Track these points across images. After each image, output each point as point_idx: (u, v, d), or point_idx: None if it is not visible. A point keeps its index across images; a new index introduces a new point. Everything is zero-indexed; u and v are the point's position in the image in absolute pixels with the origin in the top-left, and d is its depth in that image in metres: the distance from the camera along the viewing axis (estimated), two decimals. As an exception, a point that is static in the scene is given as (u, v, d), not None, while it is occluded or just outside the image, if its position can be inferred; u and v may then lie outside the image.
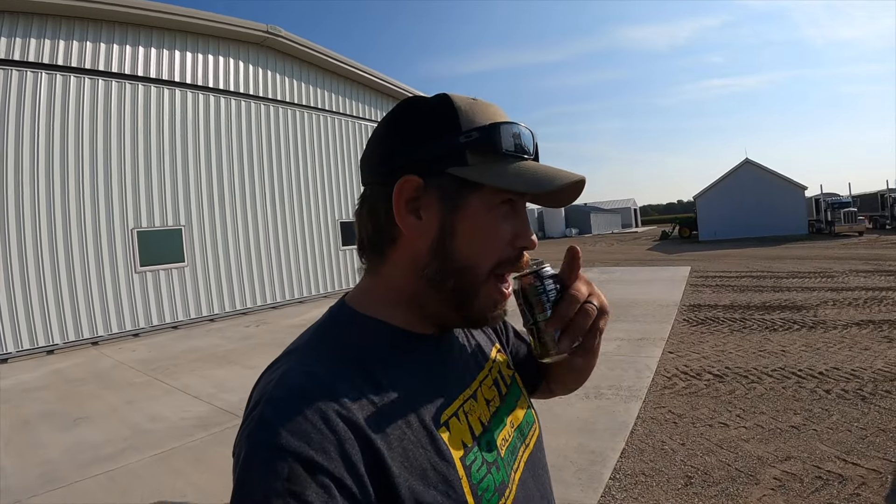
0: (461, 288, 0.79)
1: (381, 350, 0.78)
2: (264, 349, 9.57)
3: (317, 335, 0.81)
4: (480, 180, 0.76)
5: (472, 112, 0.79)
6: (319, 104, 17.78)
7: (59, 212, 11.09)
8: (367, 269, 0.87)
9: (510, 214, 0.81)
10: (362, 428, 0.66)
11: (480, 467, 0.76)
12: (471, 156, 0.76)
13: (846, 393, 5.53)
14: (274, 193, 16.05)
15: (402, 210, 0.77)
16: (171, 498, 4.13)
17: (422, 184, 0.77)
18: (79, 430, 5.85)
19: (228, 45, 14.96)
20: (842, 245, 25.67)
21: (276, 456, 0.61)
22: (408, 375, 0.77)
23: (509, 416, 0.90)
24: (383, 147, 0.81)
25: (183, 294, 13.42)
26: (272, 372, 0.75)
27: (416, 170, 0.77)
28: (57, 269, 10.97)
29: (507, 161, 0.78)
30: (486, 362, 0.95)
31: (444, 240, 0.78)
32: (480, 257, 0.79)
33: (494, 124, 0.78)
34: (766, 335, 8.22)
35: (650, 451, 4.59)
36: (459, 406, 0.81)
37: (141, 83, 12.82)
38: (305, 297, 16.72)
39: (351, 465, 0.63)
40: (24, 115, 10.69)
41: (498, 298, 0.83)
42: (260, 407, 0.67)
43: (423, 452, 0.71)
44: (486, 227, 0.78)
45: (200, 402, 6.55)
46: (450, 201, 0.77)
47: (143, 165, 12.75)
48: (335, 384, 0.69)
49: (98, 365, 9.21)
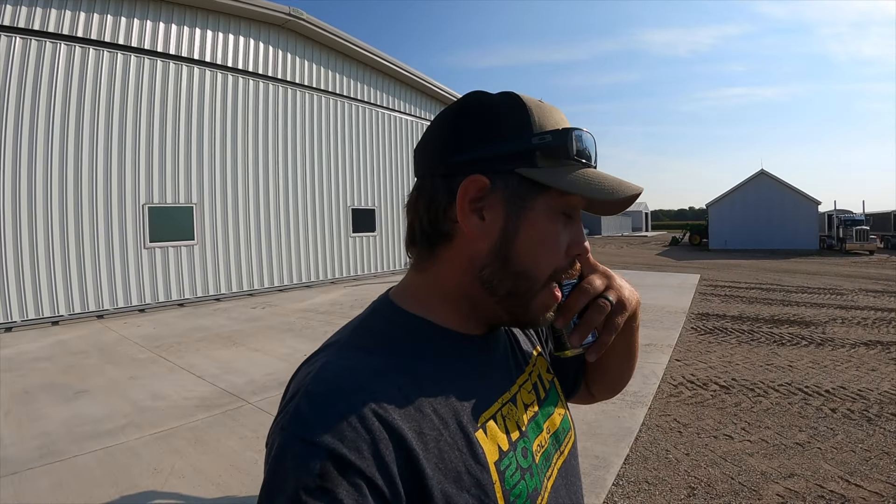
0: (517, 293, 0.78)
1: (423, 349, 0.77)
2: (270, 332, 9.59)
3: (358, 329, 0.79)
4: (553, 183, 0.75)
5: (542, 114, 0.78)
6: (338, 90, 17.78)
7: (71, 183, 11.11)
8: (415, 264, 0.84)
9: (568, 223, 0.80)
10: (398, 428, 0.64)
11: (514, 473, 0.75)
12: (541, 158, 0.75)
13: (852, 413, 5.48)
14: (287, 176, 16.08)
15: (466, 209, 0.75)
16: (170, 479, 4.12)
17: (489, 184, 0.75)
18: (79, 403, 5.86)
19: (250, 26, 14.95)
20: (852, 263, 25.57)
21: (310, 451, 0.60)
22: (448, 376, 0.76)
23: (546, 421, 0.89)
24: (449, 139, 0.79)
25: (191, 272, 13.45)
26: (310, 364, 0.74)
27: (483, 168, 0.75)
28: (66, 240, 11.00)
29: (574, 167, 0.77)
30: (527, 365, 0.93)
31: (506, 242, 0.76)
32: (540, 265, 0.78)
33: (567, 129, 0.77)
34: (774, 349, 8.18)
35: (654, 458, 4.56)
36: (498, 409, 0.79)
37: (160, 59, 12.81)
38: (313, 281, 16.75)
39: (383, 466, 0.61)
40: (42, 85, 10.70)
41: (551, 303, 0.81)
42: (296, 400, 0.66)
43: (458, 455, 0.69)
44: (548, 233, 0.77)
45: (204, 383, 6.54)
46: (516, 202, 0.76)
47: (157, 141, 12.77)
48: (373, 381, 0.68)
49: (102, 338, 9.24)
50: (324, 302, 13.29)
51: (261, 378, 6.63)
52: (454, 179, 0.76)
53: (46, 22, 10.70)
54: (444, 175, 0.78)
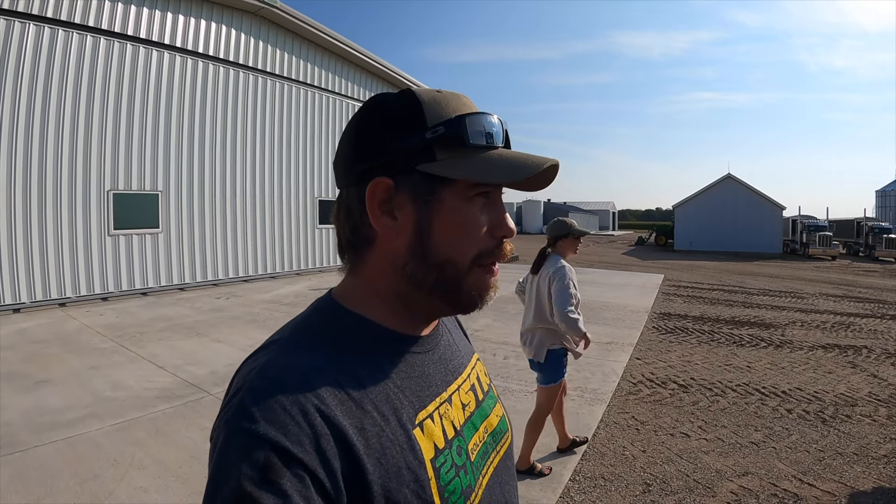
0: (443, 282, 0.80)
1: (364, 347, 0.78)
2: (233, 323, 9.51)
3: (301, 327, 0.80)
4: (450, 175, 0.77)
5: (437, 105, 0.79)
6: (309, 79, 17.63)
7: (35, 168, 10.85)
8: (350, 269, 0.87)
9: (486, 205, 0.81)
10: (339, 424, 0.66)
11: (449, 470, 0.77)
12: (439, 151, 0.77)
13: (807, 414, 5.62)
14: (255, 166, 15.91)
15: (377, 212, 0.78)
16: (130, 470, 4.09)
17: (392, 185, 0.77)
18: (40, 393, 5.76)
19: (223, 12, 14.73)
20: (814, 267, 26.04)
21: (254, 443, 0.61)
22: (388, 374, 0.77)
23: (483, 421, 0.91)
24: (353, 148, 0.81)
25: (155, 260, 13.25)
26: (254, 360, 0.75)
27: (387, 170, 0.77)
28: (29, 225, 10.75)
29: (477, 152, 0.79)
30: (466, 368, 0.95)
31: (421, 237, 0.78)
32: (459, 251, 0.79)
33: (460, 117, 0.78)
34: (734, 350, 8.33)
35: (611, 455, 4.63)
36: (435, 408, 0.81)
37: (129, 42, 12.56)
38: (278, 272, 16.62)
39: (325, 460, 0.63)
40: (8, 67, 10.44)
41: (486, 284, 0.83)
42: (240, 394, 0.67)
43: (398, 451, 0.71)
44: (462, 221, 0.79)
45: (165, 373, 6.48)
46: (422, 199, 0.78)
47: (124, 127, 12.53)
48: (316, 378, 0.69)
49: (64, 327, 9.08)
50: (288, 293, 13.20)
51: (223, 369, 6.59)
52: (363, 186, 0.78)
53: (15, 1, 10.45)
54: (355, 184, 0.80)
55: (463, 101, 0.82)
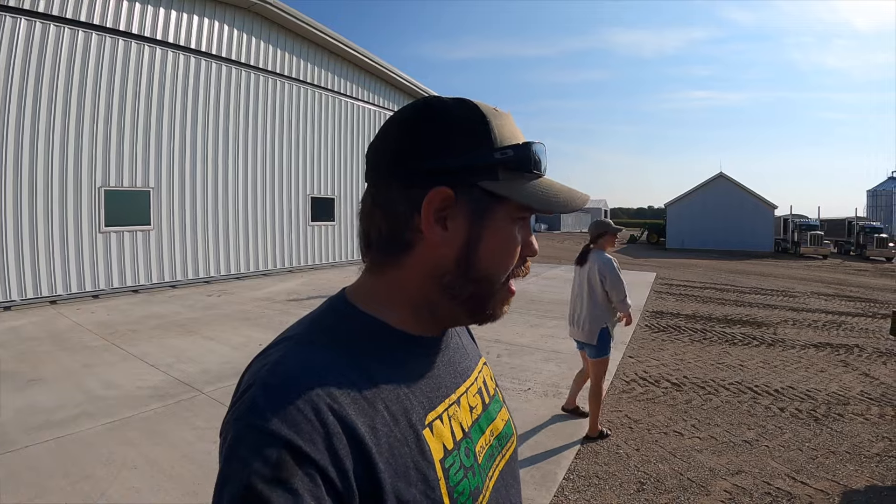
0: (478, 295, 0.82)
1: (376, 347, 0.78)
2: (226, 320, 9.48)
3: (314, 325, 0.80)
4: (515, 197, 0.79)
5: (501, 126, 0.80)
6: (302, 76, 17.58)
7: (25, 163, 10.79)
8: (371, 268, 0.86)
9: (522, 227, 0.84)
10: (352, 423, 0.66)
11: (458, 471, 0.77)
12: (502, 171, 0.78)
13: (800, 412, 5.64)
14: (247, 163, 15.86)
15: (431, 220, 0.77)
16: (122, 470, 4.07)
17: (453, 196, 0.76)
18: (31, 392, 5.73)
19: (215, 7, 14.66)
20: (805, 266, 26.18)
21: (266, 441, 0.61)
22: (399, 375, 0.77)
23: (489, 425, 0.91)
24: (405, 147, 0.79)
25: (146, 258, 13.19)
26: (265, 357, 0.74)
27: (447, 179, 0.77)
28: (20, 222, 10.69)
29: (531, 178, 0.81)
30: (474, 371, 0.96)
31: (469, 251, 0.79)
32: (500, 268, 0.82)
33: (527, 144, 0.81)
34: (726, 348, 8.36)
35: (605, 454, 4.63)
36: (444, 410, 0.81)
37: (121, 38, 12.48)
38: (270, 269, 16.57)
39: (337, 459, 0.63)
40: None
41: (507, 298, 0.87)
42: (252, 391, 0.67)
43: (407, 451, 0.71)
44: (507, 240, 0.81)
45: (157, 372, 6.45)
46: (479, 214, 0.78)
47: (115, 123, 12.45)
48: (329, 376, 0.69)
49: (55, 325, 9.04)
50: (281, 291, 13.17)
51: (215, 367, 6.56)
52: (414, 189, 0.77)
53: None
54: (403, 184, 0.78)
55: (513, 121, 0.85)
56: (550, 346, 8.02)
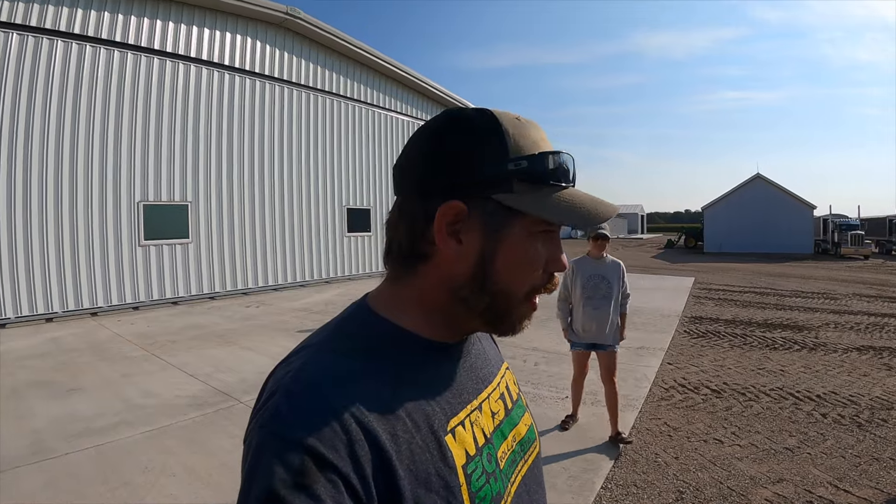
0: (494, 309, 0.81)
1: (397, 354, 0.78)
2: (264, 331, 9.58)
3: (336, 332, 0.80)
4: (529, 210, 0.77)
5: (519, 136, 0.79)
6: (334, 89, 17.78)
7: (66, 179, 11.09)
8: (391, 276, 0.86)
9: (546, 241, 0.82)
10: (373, 430, 0.66)
11: (480, 476, 0.77)
12: (517, 183, 0.77)
13: (842, 418, 5.50)
14: (283, 175, 16.07)
15: (444, 233, 0.77)
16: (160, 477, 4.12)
17: (465, 210, 0.76)
18: (71, 400, 5.86)
19: (248, 24, 14.94)
20: (846, 267, 25.60)
21: (289, 448, 0.62)
22: (421, 381, 0.78)
23: (512, 430, 0.91)
24: (425, 161, 0.80)
25: (185, 270, 13.44)
26: (288, 364, 0.75)
27: (461, 192, 0.77)
28: (61, 236, 10.98)
29: (551, 190, 0.79)
30: (496, 377, 0.95)
31: (484, 265, 0.78)
32: (518, 283, 0.80)
33: (543, 154, 0.78)
34: (766, 353, 8.20)
35: (643, 462, 4.57)
36: (466, 416, 0.81)
37: (157, 56, 12.80)
38: (307, 280, 16.75)
39: (358, 466, 0.63)
40: (38, 81, 10.68)
41: (529, 314, 0.85)
42: (275, 398, 0.68)
43: (428, 457, 0.71)
44: (525, 255, 0.79)
45: (196, 381, 6.54)
46: (493, 228, 0.78)
47: (153, 139, 12.75)
48: (351, 383, 0.70)
49: (96, 336, 9.23)
50: (318, 301, 13.27)
51: (253, 377, 6.62)
52: (431, 203, 0.77)
53: (44, 18, 10.68)
54: (421, 197, 0.79)
55: (539, 132, 0.82)
56: (587, 353, 7.96)
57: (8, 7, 10.20)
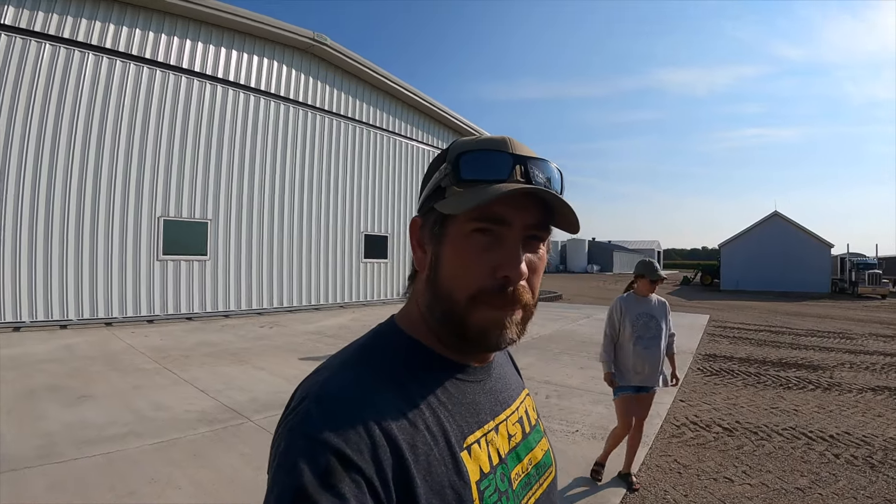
0: (447, 314, 0.82)
1: (419, 370, 0.83)
2: (276, 352, 9.60)
3: (363, 348, 0.86)
4: (441, 209, 0.82)
5: (458, 147, 0.84)
6: (357, 115, 17.98)
7: (89, 190, 11.26)
8: (409, 294, 0.93)
9: (493, 243, 0.80)
10: (395, 438, 0.71)
11: (493, 494, 0.80)
12: (448, 189, 0.83)
13: (855, 459, 5.41)
14: (302, 198, 16.21)
15: (414, 245, 0.90)
16: (167, 489, 4.12)
17: (421, 222, 0.88)
18: (82, 407, 5.89)
19: (274, 48, 15.20)
20: (863, 307, 25.35)
21: (317, 449, 0.66)
22: (440, 398, 0.82)
23: (528, 454, 0.93)
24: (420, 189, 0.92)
25: (201, 287, 13.53)
26: (318, 375, 0.81)
27: (422, 209, 0.89)
28: (80, 246, 11.14)
29: (475, 187, 0.79)
30: (515, 401, 0.98)
31: (433, 270, 0.84)
32: (456, 286, 0.81)
33: (459, 154, 0.82)
34: (780, 392, 8.10)
35: (652, 499, 4.51)
36: (483, 435, 0.84)
37: (184, 75, 13.03)
38: (322, 304, 16.80)
39: (381, 470, 0.68)
40: (67, 95, 10.90)
41: (495, 322, 0.81)
42: (306, 403, 0.73)
43: (444, 470, 0.75)
44: (459, 255, 0.81)
45: (207, 397, 6.55)
46: (436, 234, 0.84)
47: (177, 156, 12.95)
48: (374, 395, 0.75)
49: (109, 346, 9.29)
50: (332, 325, 13.28)
51: (264, 396, 6.62)
52: None
53: (77, 31, 10.94)
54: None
55: (496, 141, 0.83)
56: (600, 388, 7.86)
57: (42, 17, 10.45)
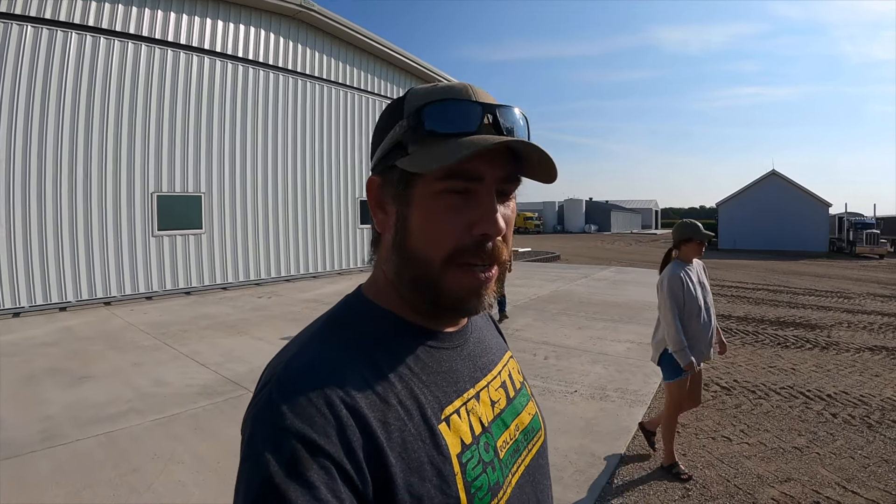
0: (420, 279, 0.78)
1: (389, 341, 0.79)
2: (274, 321, 9.63)
3: (329, 321, 0.81)
4: (405, 167, 0.75)
5: (416, 99, 0.77)
6: (348, 81, 17.76)
7: (80, 170, 11.18)
8: (375, 260, 0.89)
9: (467, 200, 0.75)
10: (364, 416, 0.67)
11: (476, 466, 0.76)
12: (410, 145, 0.76)
13: (852, 419, 5.46)
14: (296, 167, 16.10)
15: (373, 207, 0.83)
16: (169, 464, 4.15)
17: (380, 181, 0.81)
18: (83, 388, 5.92)
19: (261, 16, 14.95)
20: (861, 266, 25.42)
21: (281, 436, 0.63)
22: (414, 369, 0.78)
23: (514, 419, 0.90)
24: (371, 147, 0.86)
25: (198, 261, 13.51)
26: (283, 354, 0.77)
27: (379, 167, 0.82)
28: (75, 227, 11.07)
29: (442, 142, 0.74)
30: (496, 365, 0.95)
31: (400, 232, 0.79)
32: (430, 247, 0.76)
33: (420, 106, 0.75)
34: (778, 351, 8.15)
35: (650, 458, 4.56)
36: (462, 404, 0.81)
37: (170, 48, 12.84)
38: (320, 272, 16.80)
39: (350, 451, 0.64)
40: (53, 73, 10.74)
41: (470, 285, 0.77)
42: (268, 388, 0.70)
43: (421, 445, 0.71)
44: (431, 215, 0.76)
45: (207, 370, 6.59)
46: (400, 192, 0.78)
47: (167, 130, 12.82)
48: (342, 371, 0.70)
49: (108, 325, 9.31)
50: (330, 293, 13.29)
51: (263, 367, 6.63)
52: None
53: (58, 10, 10.74)
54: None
55: (457, 89, 0.78)
56: (598, 348, 7.92)
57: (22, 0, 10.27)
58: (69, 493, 3.73)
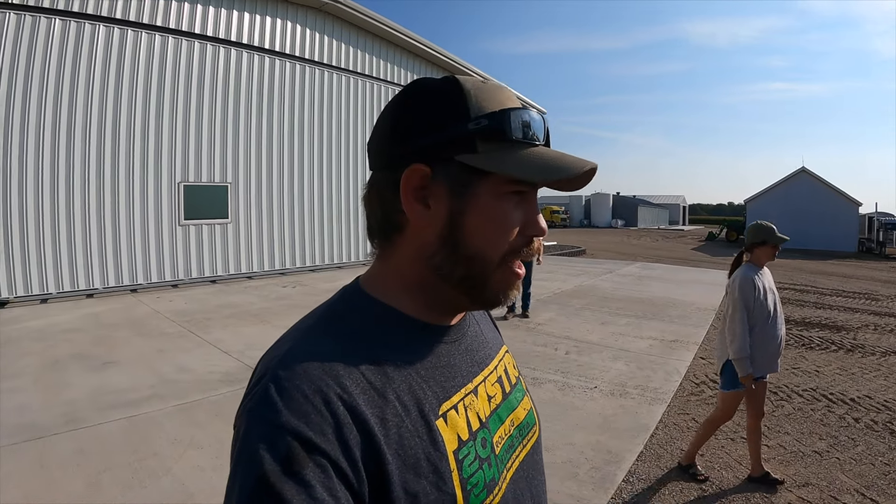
0: (471, 276, 0.79)
1: (388, 336, 0.78)
2: (298, 311, 9.64)
3: (326, 315, 0.80)
4: (491, 168, 0.75)
5: (482, 96, 0.77)
6: (374, 73, 17.74)
7: (108, 159, 11.33)
8: (378, 255, 0.86)
9: (521, 202, 0.79)
10: (361, 413, 0.66)
11: (472, 462, 0.76)
12: (480, 143, 0.75)
13: (875, 424, 5.37)
14: (322, 157, 16.16)
15: (410, 199, 0.77)
16: (189, 449, 4.21)
17: (429, 172, 0.76)
18: (107, 373, 6.02)
19: (287, 8, 14.98)
20: (891, 268, 24.99)
21: (276, 433, 0.61)
22: (412, 364, 0.77)
23: (510, 415, 0.90)
24: (391, 132, 0.80)
25: (224, 250, 13.63)
26: (278, 348, 0.75)
27: (425, 157, 0.76)
28: (103, 215, 11.24)
29: (517, 148, 0.77)
30: (492, 360, 0.94)
31: (453, 229, 0.77)
32: (490, 247, 0.78)
33: (504, 110, 0.76)
34: (802, 352, 8.05)
35: (668, 457, 4.53)
36: (460, 399, 0.80)
37: (198, 40, 12.93)
38: (345, 262, 16.87)
39: (347, 449, 0.63)
40: (81, 64, 10.88)
41: (511, 281, 0.82)
42: (263, 383, 0.68)
43: (418, 442, 0.71)
44: (496, 216, 0.77)
45: (229, 358, 6.67)
46: (458, 190, 0.76)
47: (194, 121, 12.93)
48: (338, 366, 0.69)
49: (134, 312, 9.45)
50: (351, 284, 13.32)
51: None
52: (398, 171, 0.77)
53: (86, 4, 10.87)
54: (388, 167, 0.79)
55: (507, 93, 0.80)
56: (620, 344, 7.88)
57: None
58: (90, 474, 3.81)
